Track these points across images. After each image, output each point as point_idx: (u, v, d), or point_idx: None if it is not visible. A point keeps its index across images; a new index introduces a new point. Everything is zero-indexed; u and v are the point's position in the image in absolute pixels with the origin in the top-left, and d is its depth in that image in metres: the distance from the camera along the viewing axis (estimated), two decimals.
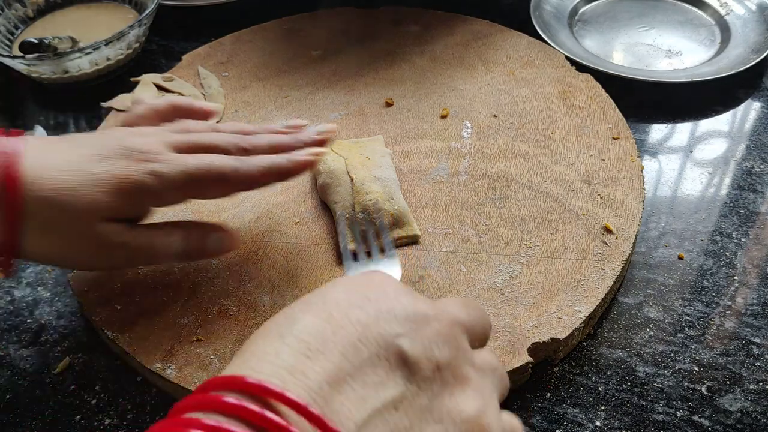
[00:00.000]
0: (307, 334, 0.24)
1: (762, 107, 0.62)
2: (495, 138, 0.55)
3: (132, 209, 0.40)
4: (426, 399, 0.24)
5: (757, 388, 0.42)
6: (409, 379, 0.24)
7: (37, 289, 0.49)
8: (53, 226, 0.37)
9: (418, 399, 0.24)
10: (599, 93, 0.59)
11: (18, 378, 0.44)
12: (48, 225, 0.37)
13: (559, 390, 0.42)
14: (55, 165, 0.37)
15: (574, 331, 0.42)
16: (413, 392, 0.24)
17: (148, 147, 0.39)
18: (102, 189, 0.37)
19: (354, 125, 0.58)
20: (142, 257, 0.41)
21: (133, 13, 0.70)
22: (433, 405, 0.24)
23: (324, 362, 0.23)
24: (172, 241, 0.41)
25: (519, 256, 0.46)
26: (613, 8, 0.73)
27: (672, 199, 0.54)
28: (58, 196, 0.37)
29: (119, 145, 0.39)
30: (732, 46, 0.67)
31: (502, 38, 0.66)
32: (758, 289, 0.47)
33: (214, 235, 0.43)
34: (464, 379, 0.26)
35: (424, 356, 0.25)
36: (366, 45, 0.66)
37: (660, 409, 0.41)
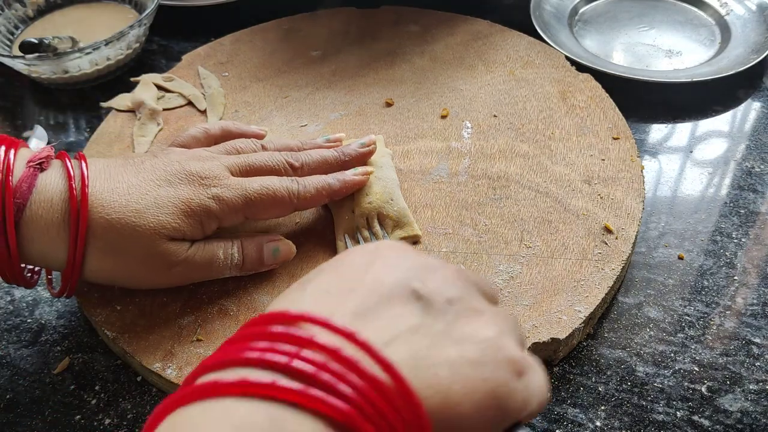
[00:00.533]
0: (326, 284, 0.26)
1: (762, 107, 0.62)
2: (495, 138, 0.55)
3: (197, 231, 0.41)
4: (442, 325, 0.25)
5: (757, 388, 0.42)
6: (424, 311, 0.25)
7: (37, 289, 0.49)
8: (116, 248, 0.39)
9: (435, 326, 0.25)
10: (599, 93, 0.59)
11: (18, 378, 0.44)
12: (111, 247, 0.39)
13: (559, 390, 0.42)
14: (119, 189, 0.40)
15: (574, 331, 0.42)
16: (429, 321, 0.25)
17: (210, 172, 0.42)
18: (166, 212, 0.40)
19: (354, 125, 0.58)
20: (203, 272, 0.43)
21: (133, 13, 0.70)
22: (450, 330, 0.25)
23: (345, 302, 0.25)
24: (231, 254, 0.43)
25: (519, 256, 0.46)
26: (613, 8, 0.73)
27: (672, 199, 0.54)
28: (123, 219, 0.39)
29: (182, 170, 0.41)
30: (732, 46, 0.67)
31: (502, 38, 0.66)
32: (758, 289, 0.47)
33: (271, 245, 0.45)
34: (478, 311, 0.27)
35: (435, 293, 0.26)
36: (366, 45, 0.66)
37: (660, 409, 0.41)
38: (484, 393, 0.24)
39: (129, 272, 0.41)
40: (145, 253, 0.40)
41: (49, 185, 0.39)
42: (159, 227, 0.39)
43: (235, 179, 0.42)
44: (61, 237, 0.39)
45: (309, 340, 0.23)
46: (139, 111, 0.59)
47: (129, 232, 0.39)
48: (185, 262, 0.41)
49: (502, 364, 0.25)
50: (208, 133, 0.48)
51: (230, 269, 0.44)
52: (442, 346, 0.25)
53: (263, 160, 0.44)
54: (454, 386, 0.24)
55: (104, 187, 0.39)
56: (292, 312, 0.24)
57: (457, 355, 0.25)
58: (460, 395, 0.24)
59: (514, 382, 0.26)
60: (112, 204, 0.39)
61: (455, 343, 0.25)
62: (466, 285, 0.28)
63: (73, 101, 0.65)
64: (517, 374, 0.26)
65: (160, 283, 0.43)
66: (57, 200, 0.38)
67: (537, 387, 0.27)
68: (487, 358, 0.25)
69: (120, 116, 0.60)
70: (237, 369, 0.22)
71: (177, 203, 0.40)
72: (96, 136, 0.58)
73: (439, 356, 0.24)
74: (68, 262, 0.39)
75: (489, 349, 0.25)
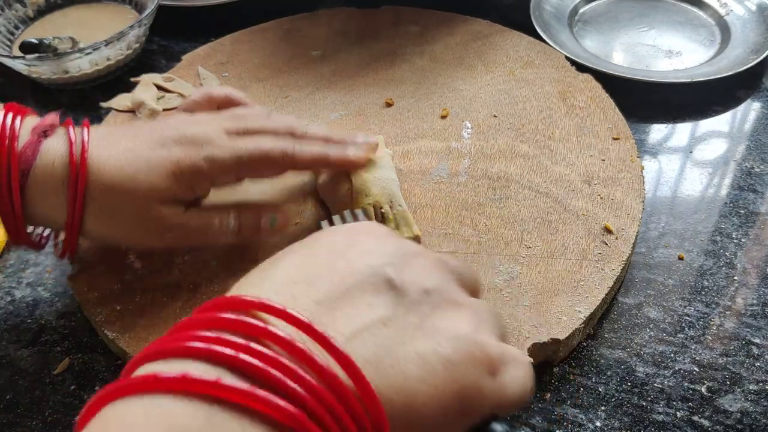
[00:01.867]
0: (293, 268, 0.24)
1: (762, 107, 0.62)
2: (495, 138, 0.55)
3: (188, 192, 0.42)
4: (416, 318, 0.24)
5: (757, 389, 0.42)
6: (397, 302, 0.24)
7: (37, 290, 0.49)
8: (112, 210, 0.40)
9: (408, 318, 0.24)
10: (599, 93, 0.59)
11: (18, 378, 0.44)
12: (109, 209, 0.40)
13: (559, 390, 0.42)
14: (116, 154, 0.40)
15: (574, 331, 0.42)
16: (402, 312, 0.24)
17: (204, 133, 0.42)
18: (159, 174, 0.40)
19: (354, 125, 0.58)
20: (198, 236, 0.43)
21: (133, 13, 0.70)
22: (424, 323, 0.24)
23: (311, 288, 0.23)
24: (228, 222, 0.43)
25: (519, 257, 0.46)
26: (613, 8, 0.73)
27: (672, 199, 0.54)
28: (118, 183, 0.39)
29: (177, 133, 0.41)
30: (732, 47, 0.67)
31: (502, 38, 0.66)
32: (758, 289, 0.47)
33: (269, 214, 0.45)
34: (456, 304, 0.26)
35: (411, 282, 0.25)
36: (366, 45, 0.66)
37: (660, 410, 0.41)
38: (452, 394, 0.23)
39: (124, 233, 0.42)
40: (139, 216, 0.40)
41: (52, 150, 0.40)
42: (150, 190, 0.40)
43: (229, 139, 0.42)
44: (61, 200, 0.39)
45: (261, 330, 0.21)
46: (139, 111, 0.59)
47: (123, 196, 0.40)
48: (180, 226, 0.42)
49: (476, 363, 0.24)
50: (211, 97, 0.48)
51: (226, 236, 0.44)
52: (412, 340, 0.23)
53: (263, 125, 0.44)
54: (421, 386, 0.22)
55: (102, 152, 0.40)
56: (247, 298, 0.22)
57: (429, 349, 0.23)
58: (426, 397, 0.22)
59: (486, 381, 0.24)
60: (108, 168, 0.39)
61: (427, 336, 0.24)
62: (445, 275, 0.27)
63: (73, 101, 0.65)
64: (491, 372, 0.25)
65: (155, 245, 0.44)
66: (58, 164, 0.39)
67: (514, 383, 0.26)
68: (460, 355, 0.24)
69: (120, 116, 0.60)
70: (180, 360, 0.21)
71: (167, 164, 0.40)
72: None
73: (409, 351, 0.23)
74: (67, 224, 0.40)
75: (463, 345, 0.24)
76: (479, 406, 0.24)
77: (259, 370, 0.20)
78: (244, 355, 0.20)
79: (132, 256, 0.47)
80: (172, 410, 0.19)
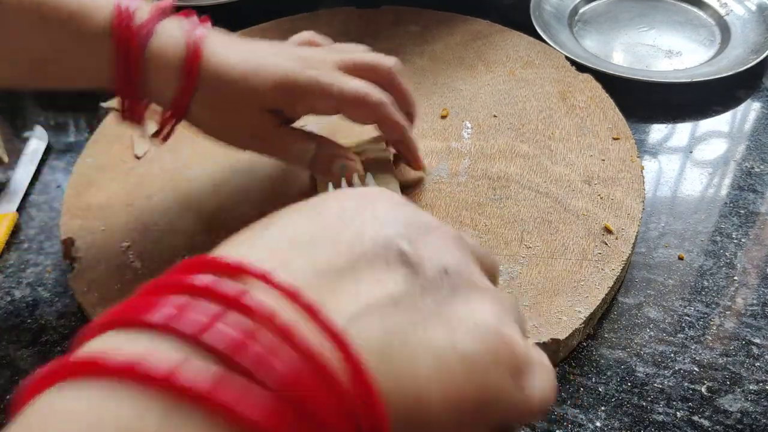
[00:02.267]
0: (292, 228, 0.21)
1: (762, 107, 0.62)
2: (495, 138, 0.55)
3: (288, 106, 0.44)
4: (432, 302, 0.20)
5: (757, 389, 0.42)
6: (411, 280, 0.20)
7: (37, 290, 0.49)
8: (217, 101, 0.43)
9: (423, 300, 0.20)
10: (599, 93, 0.59)
11: (18, 378, 0.44)
12: (214, 100, 0.42)
13: (560, 390, 0.42)
14: (232, 54, 0.42)
15: (574, 331, 0.42)
16: (417, 293, 0.20)
17: (316, 59, 0.44)
18: (266, 80, 0.42)
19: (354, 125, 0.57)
20: (280, 151, 0.46)
21: None
22: (442, 308, 0.20)
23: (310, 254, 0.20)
24: (309, 148, 0.46)
25: (519, 257, 0.46)
26: (613, 8, 0.73)
27: (672, 199, 0.54)
28: (229, 78, 0.42)
29: (291, 51, 0.45)
30: (732, 47, 0.67)
31: (502, 38, 0.66)
32: (758, 289, 0.47)
33: (342, 159, 0.46)
34: (479, 289, 0.22)
35: (428, 258, 0.21)
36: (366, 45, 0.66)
37: (660, 410, 0.41)
38: (469, 397, 0.19)
39: (220, 126, 0.44)
40: (240, 114, 0.43)
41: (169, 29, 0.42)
42: (256, 93, 0.42)
43: (336, 73, 0.44)
44: (172, 80, 0.41)
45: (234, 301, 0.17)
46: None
47: (230, 91, 0.42)
48: (270, 136, 0.44)
49: (500, 362, 0.20)
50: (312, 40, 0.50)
51: (303, 161, 0.46)
52: (427, 327, 0.19)
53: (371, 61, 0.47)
54: (434, 386, 0.19)
55: (218, 47, 0.42)
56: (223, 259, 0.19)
57: (446, 341, 0.19)
58: (438, 399, 0.19)
59: (508, 385, 0.21)
60: (222, 61, 0.42)
61: (445, 325, 0.20)
62: (465, 253, 0.23)
63: (73, 101, 0.65)
64: (516, 375, 0.21)
65: (242, 145, 0.46)
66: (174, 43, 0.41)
67: (538, 389, 0.22)
68: (483, 351, 0.20)
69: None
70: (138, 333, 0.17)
71: (278, 73, 0.42)
72: (96, 136, 0.58)
73: (422, 341, 0.19)
74: (177, 104, 0.42)
75: (487, 339, 0.20)
76: (496, 415, 0.20)
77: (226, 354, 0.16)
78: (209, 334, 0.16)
79: (132, 256, 0.47)
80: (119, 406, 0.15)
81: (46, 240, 0.53)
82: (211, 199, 0.51)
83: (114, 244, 0.48)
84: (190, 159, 0.54)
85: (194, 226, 0.49)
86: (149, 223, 0.50)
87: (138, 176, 0.54)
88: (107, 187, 0.53)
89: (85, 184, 0.53)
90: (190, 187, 0.52)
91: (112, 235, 0.49)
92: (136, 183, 0.53)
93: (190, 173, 0.53)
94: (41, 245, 0.52)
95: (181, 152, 0.55)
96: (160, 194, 0.52)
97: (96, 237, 0.49)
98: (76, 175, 0.54)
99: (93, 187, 0.53)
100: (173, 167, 0.54)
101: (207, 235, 0.49)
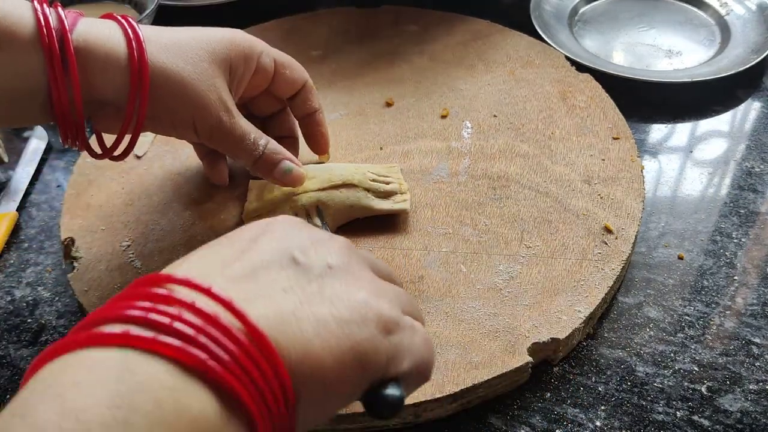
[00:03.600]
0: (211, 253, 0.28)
1: (762, 107, 0.62)
2: (495, 138, 0.55)
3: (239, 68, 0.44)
4: (316, 286, 0.27)
5: (757, 388, 0.42)
6: (300, 275, 0.27)
7: (37, 289, 0.49)
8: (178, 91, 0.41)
9: (309, 287, 0.27)
10: (599, 93, 0.59)
11: (18, 378, 0.44)
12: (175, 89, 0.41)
13: (559, 390, 0.42)
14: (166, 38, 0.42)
15: (574, 331, 0.42)
16: (304, 283, 0.27)
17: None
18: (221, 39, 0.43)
19: (354, 125, 0.58)
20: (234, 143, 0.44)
21: (133, 13, 0.70)
22: (323, 290, 0.27)
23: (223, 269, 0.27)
24: (260, 144, 0.45)
25: (519, 256, 0.46)
26: (613, 8, 0.73)
27: (672, 199, 0.54)
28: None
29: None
30: (732, 46, 0.67)
31: (502, 38, 0.66)
32: (758, 289, 0.47)
33: (288, 163, 0.46)
34: (357, 276, 0.29)
35: (315, 259, 0.28)
36: (366, 45, 0.66)
37: (660, 409, 0.41)
38: (346, 348, 0.26)
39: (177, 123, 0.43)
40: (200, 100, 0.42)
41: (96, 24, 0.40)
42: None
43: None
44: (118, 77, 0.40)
45: (165, 297, 0.24)
46: None
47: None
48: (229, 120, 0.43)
49: (369, 322, 0.27)
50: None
51: (252, 155, 0.45)
52: (312, 304, 0.26)
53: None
54: (315, 340, 0.25)
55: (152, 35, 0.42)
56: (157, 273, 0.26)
57: (327, 312, 0.26)
58: (320, 348, 0.25)
59: (379, 339, 0.27)
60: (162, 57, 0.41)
61: (326, 301, 0.26)
62: (351, 255, 0.30)
63: None
64: (385, 332, 0.27)
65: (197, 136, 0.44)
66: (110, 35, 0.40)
67: (411, 345, 0.28)
68: (354, 315, 0.26)
69: None
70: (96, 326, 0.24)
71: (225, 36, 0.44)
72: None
73: (307, 313, 0.26)
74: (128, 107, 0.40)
75: (357, 307, 0.27)
76: (373, 363, 0.27)
77: (164, 325, 0.23)
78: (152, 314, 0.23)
79: (132, 256, 0.47)
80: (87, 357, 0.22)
81: (46, 240, 0.53)
82: (211, 198, 0.51)
83: (114, 244, 0.48)
84: (190, 159, 0.54)
85: (194, 226, 0.49)
86: (149, 222, 0.50)
87: (138, 176, 0.54)
88: (107, 187, 0.53)
89: (85, 183, 0.53)
90: (190, 186, 0.52)
91: (112, 235, 0.49)
92: (136, 183, 0.53)
93: (190, 173, 0.53)
94: (41, 245, 0.52)
95: (181, 152, 0.55)
96: (160, 194, 0.52)
97: (96, 237, 0.49)
98: (76, 175, 0.54)
99: (93, 186, 0.53)
100: (173, 167, 0.54)
101: (207, 234, 0.49)
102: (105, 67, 0.39)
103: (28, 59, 0.38)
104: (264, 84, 0.47)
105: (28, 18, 0.38)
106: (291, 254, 0.28)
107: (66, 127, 0.41)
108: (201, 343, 0.23)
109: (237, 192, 0.52)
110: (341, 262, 0.29)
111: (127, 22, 0.41)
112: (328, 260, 0.28)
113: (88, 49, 0.39)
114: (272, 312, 0.25)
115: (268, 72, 0.46)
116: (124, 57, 0.40)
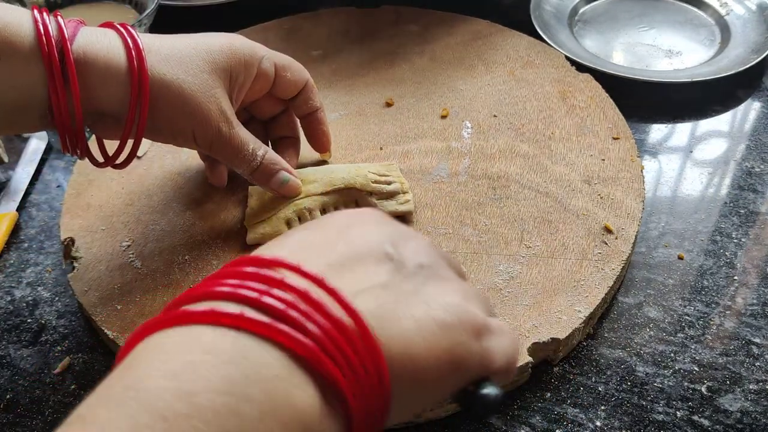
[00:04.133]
0: (305, 239, 0.28)
1: (762, 107, 0.62)
2: (495, 138, 0.55)
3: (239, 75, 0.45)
4: (411, 286, 0.27)
5: (757, 388, 0.42)
6: (395, 271, 0.27)
7: (37, 289, 0.49)
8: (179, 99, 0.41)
9: (404, 285, 0.27)
10: (599, 93, 0.59)
11: (18, 378, 0.44)
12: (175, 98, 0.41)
13: (559, 390, 0.42)
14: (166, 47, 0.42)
15: (574, 331, 0.42)
16: (399, 280, 0.27)
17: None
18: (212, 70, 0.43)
19: (354, 125, 0.58)
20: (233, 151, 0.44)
21: (133, 13, 0.70)
22: (418, 291, 0.27)
23: (320, 255, 0.27)
24: (257, 153, 0.45)
25: (519, 256, 0.46)
26: (613, 8, 0.73)
27: (672, 199, 0.54)
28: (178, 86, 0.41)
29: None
30: (732, 46, 0.67)
31: (502, 38, 0.66)
32: (758, 289, 0.47)
33: (285, 173, 0.47)
34: (446, 279, 0.29)
35: (406, 257, 0.28)
36: (366, 45, 0.66)
37: (660, 409, 0.41)
38: (443, 349, 0.26)
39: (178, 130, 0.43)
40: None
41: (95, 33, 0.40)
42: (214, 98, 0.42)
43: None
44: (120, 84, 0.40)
45: (279, 281, 0.24)
46: None
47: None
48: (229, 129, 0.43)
49: (463, 326, 0.27)
50: None
51: (250, 164, 0.45)
52: (408, 304, 0.26)
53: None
54: (416, 339, 0.25)
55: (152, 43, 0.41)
56: (266, 256, 0.26)
57: (423, 312, 0.26)
58: (421, 348, 0.25)
59: (472, 343, 0.27)
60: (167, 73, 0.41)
61: (421, 302, 0.27)
62: (436, 255, 0.30)
63: None
64: (477, 336, 0.28)
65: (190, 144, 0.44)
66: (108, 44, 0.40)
67: (499, 348, 0.29)
68: (451, 318, 0.27)
69: None
70: (209, 302, 0.24)
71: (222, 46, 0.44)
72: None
73: (406, 312, 0.26)
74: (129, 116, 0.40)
75: (453, 310, 0.27)
76: (467, 365, 0.27)
77: (279, 311, 0.23)
78: (266, 297, 0.23)
79: (132, 256, 0.47)
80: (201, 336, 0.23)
81: (46, 240, 0.53)
82: (211, 199, 0.51)
83: (114, 244, 0.48)
84: (190, 159, 0.54)
85: (194, 226, 0.49)
86: (149, 222, 0.50)
87: (138, 176, 0.54)
88: (107, 187, 0.53)
89: (85, 183, 0.53)
90: (190, 187, 0.52)
91: (112, 235, 0.49)
92: (136, 183, 0.53)
93: (190, 173, 0.54)
94: (41, 245, 0.52)
95: (181, 152, 0.55)
96: (160, 194, 0.52)
97: (96, 237, 0.49)
98: (77, 175, 0.54)
99: (93, 186, 0.53)
100: (173, 167, 0.54)
101: (207, 235, 0.49)
102: (105, 79, 0.39)
103: (27, 70, 0.38)
104: (265, 88, 0.47)
105: (27, 28, 0.38)
106: (384, 249, 0.28)
107: (66, 136, 0.40)
108: (312, 334, 0.23)
109: (237, 192, 0.52)
110: (431, 262, 0.29)
111: (127, 32, 0.41)
112: (418, 259, 0.28)
113: (88, 61, 0.39)
114: (375, 306, 0.25)
115: (269, 77, 0.47)
116: (125, 69, 0.40)
